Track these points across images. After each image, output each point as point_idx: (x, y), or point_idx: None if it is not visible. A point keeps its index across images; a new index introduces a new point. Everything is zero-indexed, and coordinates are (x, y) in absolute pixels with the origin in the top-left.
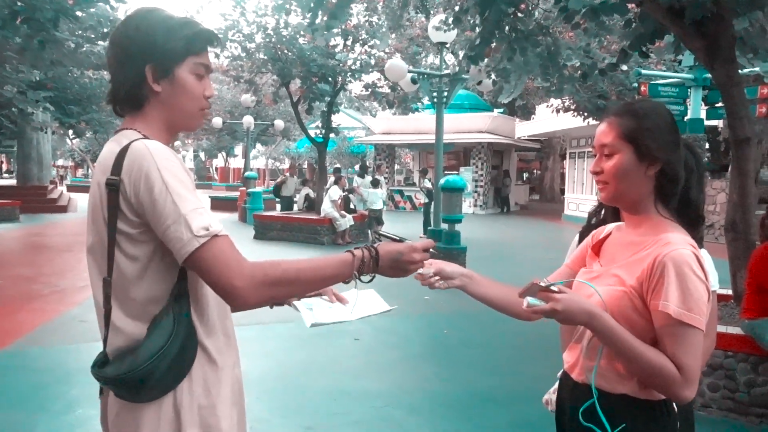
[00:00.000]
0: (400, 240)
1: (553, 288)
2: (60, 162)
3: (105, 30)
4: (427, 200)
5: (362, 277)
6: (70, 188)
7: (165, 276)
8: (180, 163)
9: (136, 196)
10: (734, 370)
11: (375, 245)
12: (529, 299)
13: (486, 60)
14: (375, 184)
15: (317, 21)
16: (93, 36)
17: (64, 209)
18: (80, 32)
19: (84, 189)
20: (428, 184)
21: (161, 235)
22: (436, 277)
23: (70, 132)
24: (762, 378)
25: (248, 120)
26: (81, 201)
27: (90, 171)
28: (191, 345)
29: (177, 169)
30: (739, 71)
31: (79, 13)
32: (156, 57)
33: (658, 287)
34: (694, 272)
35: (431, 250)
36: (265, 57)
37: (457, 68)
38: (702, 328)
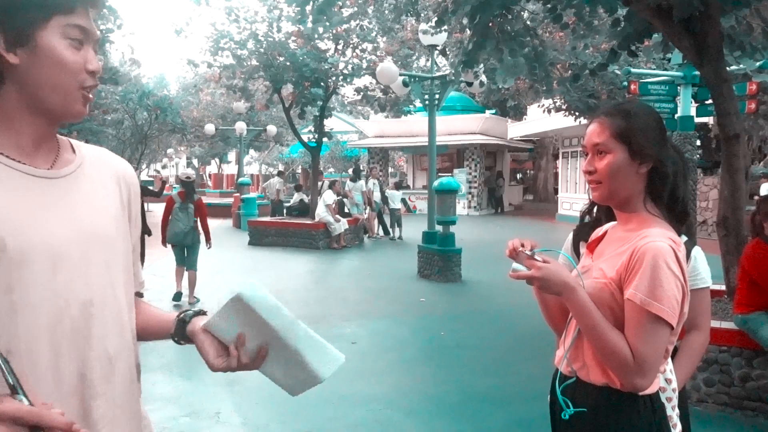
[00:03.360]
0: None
1: (537, 257)
2: None
3: None
4: (376, 203)
5: None
6: None
7: None
8: None
9: None
10: (729, 365)
11: None
12: (515, 265)
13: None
14: (398, 186)
15: (307, 11)
16: None
17: None
18: None
19: None
20: (372, 186)
21: None
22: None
23: None
24: (756, 372)
25: (240, 126)
26: None
27: None
28: None
29: None
30: (728, 68)
31: None
32: (5, 19)
33: (632, 277)
34: (667, 265)
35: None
36: (258, 63)
37: (447, 69)
38: (669, 320)
